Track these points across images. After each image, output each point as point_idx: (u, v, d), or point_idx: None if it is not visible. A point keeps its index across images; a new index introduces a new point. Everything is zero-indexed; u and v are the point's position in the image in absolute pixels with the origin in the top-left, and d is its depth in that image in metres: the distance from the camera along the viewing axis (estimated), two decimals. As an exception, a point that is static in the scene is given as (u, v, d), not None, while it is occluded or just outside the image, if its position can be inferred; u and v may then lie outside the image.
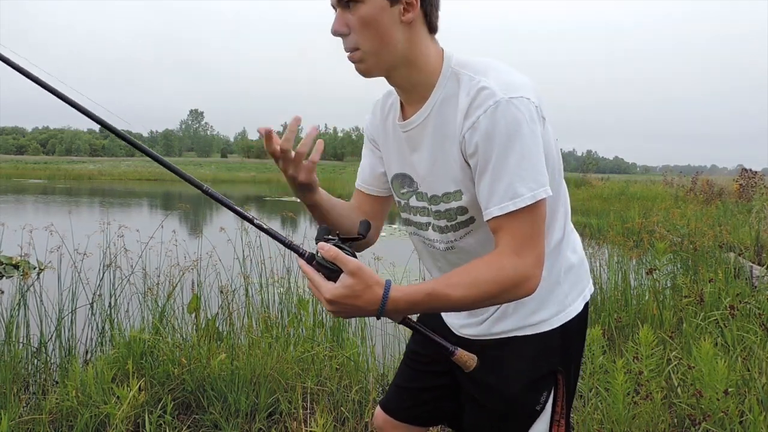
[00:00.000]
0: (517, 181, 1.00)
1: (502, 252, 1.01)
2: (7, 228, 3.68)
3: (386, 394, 1.51)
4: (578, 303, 1.25)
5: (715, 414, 2.27)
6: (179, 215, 11.36)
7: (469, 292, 0.98)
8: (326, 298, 0.95)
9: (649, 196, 16.03)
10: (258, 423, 2.56)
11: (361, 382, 2.84)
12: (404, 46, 1.08)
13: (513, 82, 1.04)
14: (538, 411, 1.22)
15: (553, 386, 1.23)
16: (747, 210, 10.03)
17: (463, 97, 1.07)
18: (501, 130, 1.00)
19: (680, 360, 2.87)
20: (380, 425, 1.48)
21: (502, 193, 1.01)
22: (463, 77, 1.09)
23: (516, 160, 1.00)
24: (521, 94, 1.02)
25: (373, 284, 0.96)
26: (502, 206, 1.01)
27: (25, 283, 3.24)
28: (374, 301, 0.96)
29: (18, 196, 18.97)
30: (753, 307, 3.45)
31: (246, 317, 3.48)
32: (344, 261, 0.96)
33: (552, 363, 1.22)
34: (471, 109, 1.04)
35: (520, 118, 1.00)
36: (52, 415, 2.50)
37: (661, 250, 4.10)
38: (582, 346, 1.32)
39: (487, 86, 1.03)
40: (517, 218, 1.01)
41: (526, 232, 1.01)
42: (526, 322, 1.20)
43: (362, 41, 1.07)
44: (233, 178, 41.90)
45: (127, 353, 2.83)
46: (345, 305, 0.96)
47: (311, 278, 0.98)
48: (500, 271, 0.99)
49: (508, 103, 1.00)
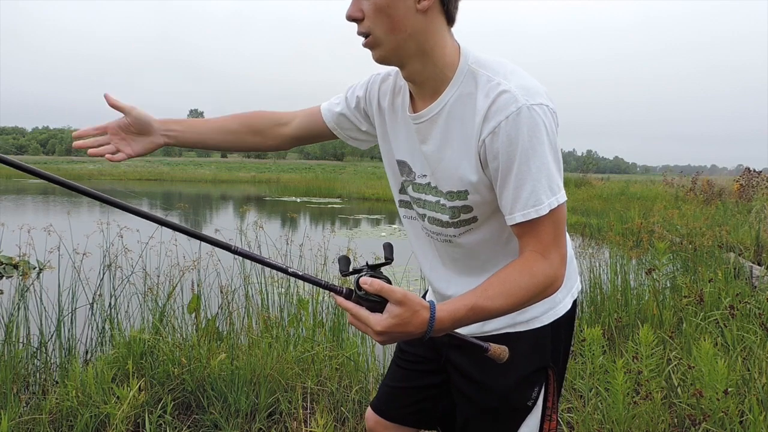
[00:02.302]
0: (539, 189, 1.02)
1: (529, 257, 1.04)
2: (6, 228, 3.68)
3: (377, 395, 1.51)
4: (567, 300, 1.28)
5: (715, 414, 2.27)
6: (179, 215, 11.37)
7: (507, 302, 1.00)
8: (377, 330, 0.95)
9: (649, 196, 16.04)
10: (258, 423, 2.56)
11: (361, 382, 2.84)
12: (419, 36, 1.05)
13: (533, 87, 1.04)
14: (530, 406, 1.24)
15: (544, 382, 1.25)
16: (747, 210, 10.03)
17: (481, 99, 1.05)
18: (524, 137, 1.00)
19: (680, 360, 2.87)
20: (372, 426, 1.48)
21: (525, 200, 1.03)
22: (480, 77, 1.07)
23: (537, 168, 1.01)
24: (541, 101, 1.02)
25: (420, 309, 0.96)
26: (525, 213, 1.03)
27: (24, 283, 3.24)
28: (422, 324, 0.96)
29: (18, 196, 18.96)
30: (753, 307, 3.45)
31: (246, 317, 3.48)
32: (390, 292, 0.95)
33: (543, 359, 1.25)
34: (491, 113, 1.03)
35: (541, 125, 1.01)
36: (52, 415, 2.50)
37: (660, 250, 4.10)
38: (570, 342, 1.35)
39: (507, 90, 1.02)
40: (540, 223, 1.03)
41: (550, 235, 1.04)
42: (517, 320, 1.22)
43: (375, 27, 1.05)
44: (233, 178, 41.87)
45: (127, 353, 2.83)
46: (394, 333, 0.96)
47: (356, 314, 0.97)
48: (533, 278, 1.01)
49: (530, 110, 1.00)
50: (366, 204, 19.87)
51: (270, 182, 35.30)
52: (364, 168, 56.02)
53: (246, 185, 34.57)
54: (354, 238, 4.29)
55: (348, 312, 0.98)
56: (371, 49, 1.08)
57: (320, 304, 3.57)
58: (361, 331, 0.98)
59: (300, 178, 36.06)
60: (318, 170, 53.59)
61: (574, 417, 2.51)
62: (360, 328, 0.98)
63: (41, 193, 21.36)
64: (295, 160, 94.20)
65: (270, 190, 26.73)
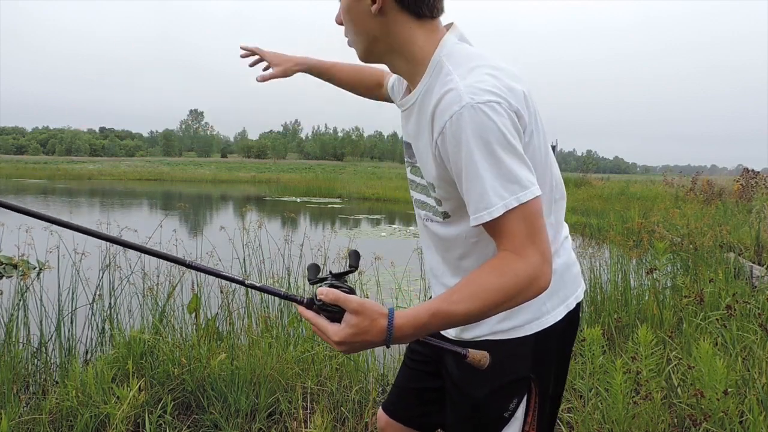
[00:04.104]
0: (490, 190, 0.96)
1: (501, 257, 0.98)
2: (6, 228, 3.68)
3: (388, 396, 1.50)
4: (559, 311, 1.20)
5: (715, 414, 2.27)
6: (179, 215, 11.35)
7: (474, 305, 0.94)
8: (335, 341, 0.94)
9: (649, 196, 16.04)
10: (258, 423, 2.56)
11: (361, 382, 2.84)
12: (384, 37, 1.09)
13: (485, 84, 0.99)
14: (506, 417, 1.18)
15: (525, 393, 1.19)
16: (747, 210, 10.03)
17: (435, 94, 1.03)
18: (467, 138, 0.96)
19: (680, 360, 2.87)
20: (383, 427, 1.47)
21: (476, 202, 0.98)
22: (443, 70, 1.05)
23: (486, 168, 0.96)
24: (488, 98, 0.96)
25: (378, 317, 0.94)
26: (478, 216, 0.98)
27: (24, 283, 3.24)
28: (381, 332, 0.94)
29: (18, 196, 18.96)
30: (753, 307, 3.45)
31: (246, 317, 3.48)
32: (345, 302, 0.94)
33: (521, 370, 1.18)
34: (438, 112, 1.01)
35: (488, 123, 0.95)
36: (52, 415, 2.50)
37: (661, 250, 4.10)
38: (563, 354, 1.27)
39: (454, 87, 0.99)
40: (505, 222, 0.97)
41: (522, 233, 0.96)
42: (497, 328, 1.17)
43: (347, 30, 1.14)
44: (233, 178, 41.91)
45: (127, 353, 2.83)
46: (354, 343, 0.94)
47: (315, 323, 0.96)
48: (502, 277, 0.95)
49: (474, 109, 0.95)
50: (366, 204, 19.88)
51: (270, 182, 35.32)
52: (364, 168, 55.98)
53: (246, 185, 34.59)
54: (354, 238, 4.29)
55: (308, 321, 0.98)
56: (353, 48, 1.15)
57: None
58: (323, 340, 0.98)
59: (300, 178, 36.10)
60: (318, 170, 53.61)
61: (574, 417, 2.51)
62: (321, 337, 0.97)
63: (41, 193, 21.36)
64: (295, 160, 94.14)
65: (270, 190, 26.74)
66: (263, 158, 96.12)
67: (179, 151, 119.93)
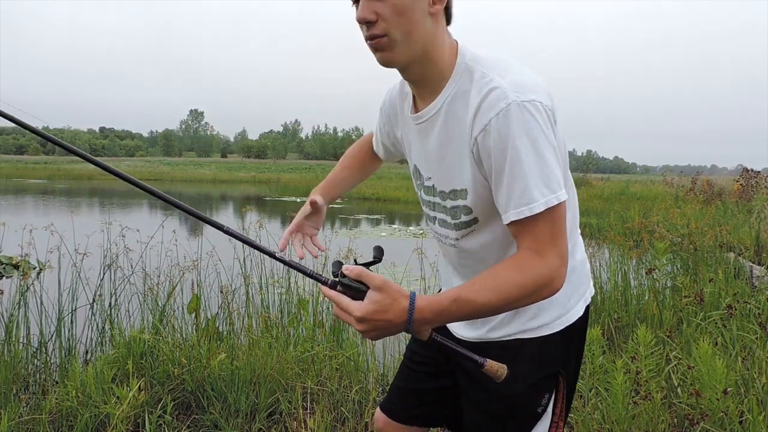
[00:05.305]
0: (533, 186, 0.99)
1: (523, 255, 1.01)
2: (7, 228, 3.68)
3: (386, 396, 1.51)
4: (579, 306, 1.24)
5: (715, 414, 2.27)
6: (179, 215, 11.35)
7: (494, 297, 0.97)
8: (356, 316, 0.94)
9: (649, 196, 16.05)
10: (258, 423, 2.56)
11: (361, 382, 2.84)
12: (427, 38, 1.06)
13: (526, 83, 1.02)
14: (539, 413, 1.21)
15: (554, 388, 1.22)
16: (747, 210, 10.03)
17: (474, 96, 1.05)
18: (514, 134, 0.99)
19: (680, 360, 2.87)
20: (381, 427, 1.48)
21: (518, 198, 1.00)
22: (475, 74, 1.07)
23: (530, 165, 0.99)
24: (533, 97, 1.00)
25: (399, 297, 0.95)
26: (518, 211, 1.00)
27: (25, 283, 3.24)
28: (401, 312, 0.95)
29: (18, 196, 18.96)
30: (753, 307, 3.45)
31: (246, 317, 3.48)
32: (369, 278, 0.95)
33: (553, 366, 1.21)
34: (482, 109, 1.02)
35: (533, 122, 0.99)
36: (52, 415, 2.50)
37: (661, 250, 4.10)
38: (582, 348, 1.32)
39: (498, 86, 1.01)
40: (536, 221, 1.00)
41: (547, 233, 1.00)
42: (527, 326, 1.19)
43: (392, 29, 1.03)
44: (233, 178, 41.90)
45: (127, 353, 2.83)
46: (375, 321, 0.95)
47: (338, 301, 0.97)
48: (523, 274, 0.98)
49: (521, 107, 0.99)
50: (366, 204, 19.88)
51: (270, 182, 35.32)
52: (364, 168, 55.59)
53: (246, 185, 34.59)
54: (354, 238, 4.29)
55: (331, 300, 0.99)
56: (382, 50, 1.06)
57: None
58: (344, 320, 0.98)
59: (300, 178, 36.11)
60: (318, 170, 53.56)
61: (574, 417, 2.51)
62: (342, 317, 0.98)
63: (41, 193, 21.36)
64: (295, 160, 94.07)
65: (270, 190, 26.75)
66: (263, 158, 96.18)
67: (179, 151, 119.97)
